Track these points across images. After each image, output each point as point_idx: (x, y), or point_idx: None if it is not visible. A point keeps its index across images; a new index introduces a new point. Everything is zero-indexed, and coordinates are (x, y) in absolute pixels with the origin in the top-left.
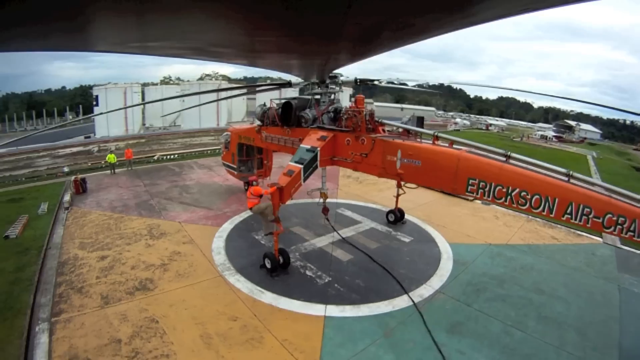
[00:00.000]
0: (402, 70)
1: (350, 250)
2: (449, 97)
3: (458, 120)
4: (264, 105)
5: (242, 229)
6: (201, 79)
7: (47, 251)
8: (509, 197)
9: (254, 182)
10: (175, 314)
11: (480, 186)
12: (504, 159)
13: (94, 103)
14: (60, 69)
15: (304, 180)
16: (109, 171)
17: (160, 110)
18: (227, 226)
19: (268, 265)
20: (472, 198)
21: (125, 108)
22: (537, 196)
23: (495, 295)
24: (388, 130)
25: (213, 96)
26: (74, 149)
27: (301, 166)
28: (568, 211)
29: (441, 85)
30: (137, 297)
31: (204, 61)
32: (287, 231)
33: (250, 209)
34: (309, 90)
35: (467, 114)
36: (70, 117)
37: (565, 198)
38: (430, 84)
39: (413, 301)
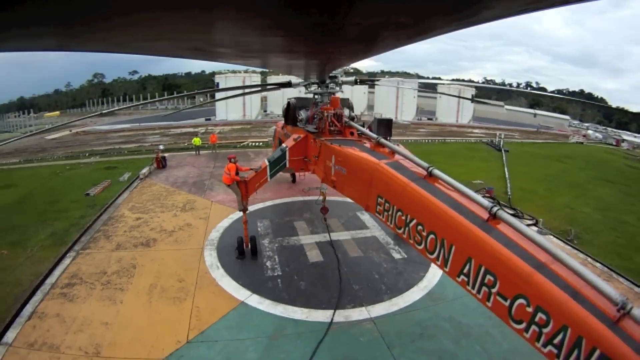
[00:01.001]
0: (541, 74)
1: (329, 253)
2: (586, 105)
3: (590, 132)
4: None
5: (256, 215)
6: None
7: (107, 208)
8: (406, 228)
9: (232, 160)
10: (150, 266)
11: (385, 208)
12: (423, 175)
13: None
14: None
15: (270, 177)
16: (194, 152)
17: (281, 98)
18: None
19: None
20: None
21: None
22: (432, 236)
23: (439, 348)
24: (360, 134)
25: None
26: (184, 130)
27: (267, 163)
28: (464, 271)
29: (581, 91)
30: (137, 249)
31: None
32: (286, 223)
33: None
34: (309, 90)
35: (603, 127)
36: (201, 99)
37: (464, 249)
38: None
39: (331, 321)
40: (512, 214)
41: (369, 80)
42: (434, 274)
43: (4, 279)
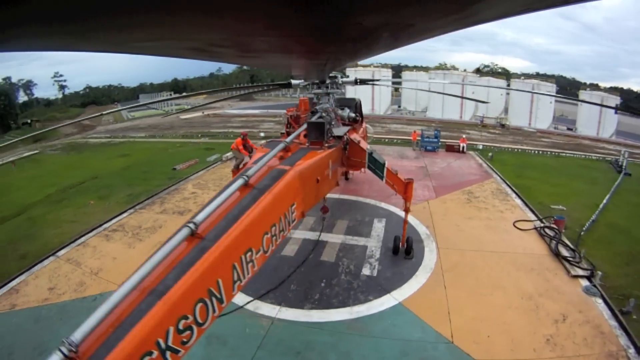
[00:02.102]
0: None
1: (305, 251)
2: None
3: None
4: None
5: None
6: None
7: (179, 181)
8: None
9: (242, 136)
10: (172, 228)
11: None
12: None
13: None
14: None
15: None
16: None
17: (414, 94)
18: None
19: None
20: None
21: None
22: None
23: None
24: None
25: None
26: None
27: None
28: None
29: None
30: (172, 215)
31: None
32: None
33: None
34: (309, 90)
35: None
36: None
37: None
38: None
39: (241, 306)
40: (565, 256)
41: (369, 80)
42: (383, 303)
43: (79, 219)
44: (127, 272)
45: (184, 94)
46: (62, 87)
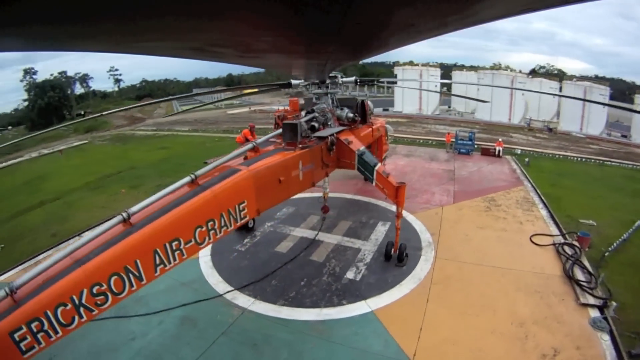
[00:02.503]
0: None
1: (298, 249)
2: None
3: None
4: None
5: (295, 202)
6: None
7: None
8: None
9: (250, 128)
10: None
11: None
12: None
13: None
14: (412, 45)
15: None
16: None
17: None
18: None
19: None
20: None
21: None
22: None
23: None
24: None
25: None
26: None
27: None
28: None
29: None
30: None
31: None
32: (303, 214)
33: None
34: (310, 91)
35: None
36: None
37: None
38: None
39: (216, 296)
40: (579, 279)
41: (369, 80)
42: (355, 309)
43: (109, 206)
44: None
45: (185, 94)
46: (117, 81)
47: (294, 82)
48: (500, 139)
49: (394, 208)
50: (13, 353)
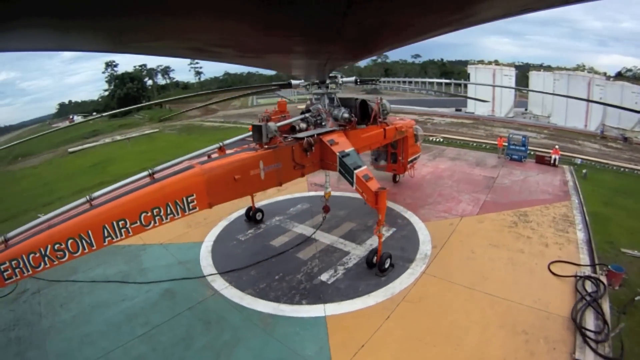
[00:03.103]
0: None
1: (290, 245)
2: None
3: None
4: None
5: (311, 199)
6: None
7: None
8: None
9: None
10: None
11: None
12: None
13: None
14: (497, 44)
15: None
16: None
17: (541, 97)
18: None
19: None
20: None
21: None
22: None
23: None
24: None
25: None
26: (415, 116)
27: None
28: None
29: None
30: None
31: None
32: (311, 211)
33: None
34: (310, 91)
35: None
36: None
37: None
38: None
39: (197, 276)
40: (585, 327)
41: (370, 80)
42: (310, 310)
43: None
44: (160, 233)
45: (179, 96)
46: (198, 73)
47: (294, 82)
48: (556, 146)
49: (407, 214)
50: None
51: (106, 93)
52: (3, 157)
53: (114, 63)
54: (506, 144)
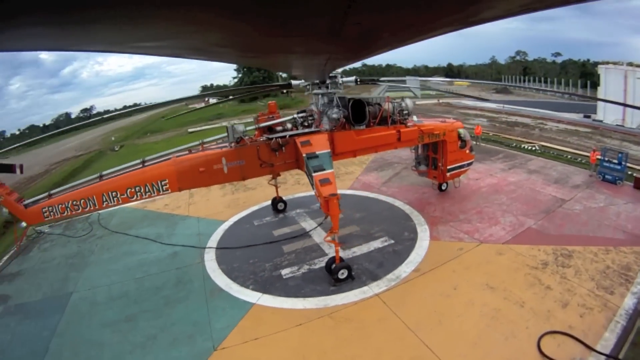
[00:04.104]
0: None
1: (288, 236)
2: None
3: None
4: None
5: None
6: None
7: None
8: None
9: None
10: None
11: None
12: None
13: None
14: None
15: None
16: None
17: None
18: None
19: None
20: None
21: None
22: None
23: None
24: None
25: None
26: (527, 120)
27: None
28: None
29: None
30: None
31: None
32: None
33: None
34: (309, 91)
35: None
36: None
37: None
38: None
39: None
40: None
41: (370, 79)
42: (248, 295)
43: None
44: (202, 208)
45: (172, 99)
46: None
47: (294, 82)
48: None
49: (422, 228)
50: (40, 217)
51: (235, 80)
52: (137, 132)
53: None
54: (600, 158)
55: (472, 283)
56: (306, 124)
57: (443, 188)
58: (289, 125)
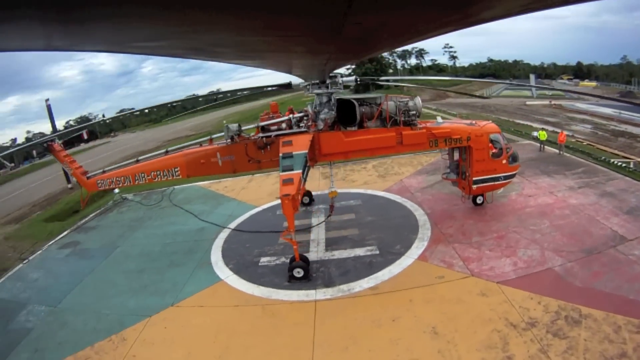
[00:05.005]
0: None
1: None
2: None
3: None
4: None
5: (362, 196)
6: None
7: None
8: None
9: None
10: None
11: None
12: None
13: None
14: None
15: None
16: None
17: None
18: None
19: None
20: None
21: None
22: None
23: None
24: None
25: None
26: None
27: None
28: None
29: None
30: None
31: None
32: (345, 205)
33: None
34: (310, 91)
35: None
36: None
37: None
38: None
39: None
40: None
41: (370, 79)
42: (222, 273)
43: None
44: (249, 194)
45: (166, 101)
46: (452, 57)
47: (294, 82)
48: None
49: (418, 244)
50: (95, 187)
51: (348, 71)
52: (248, 117)
53: None
54: None
55: (418, 320)
56: (302, 124)
57: (478, 202)
58: (283, 125)
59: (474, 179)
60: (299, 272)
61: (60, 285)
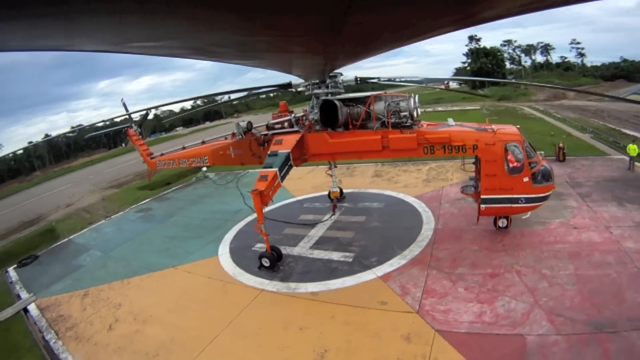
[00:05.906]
0: None
1: (302, 223)
2: None
3: None
4: None
5: (388, 198)
6: None
7: None
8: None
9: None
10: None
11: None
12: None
13: None
14: None
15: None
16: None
17: None
18: (412, 197)
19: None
20: None
21: None
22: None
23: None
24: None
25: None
26: None
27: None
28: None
29: None
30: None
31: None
32: (369, 206)
33: None
34: (310, 91)
35: None
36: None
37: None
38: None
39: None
40: None
41: (369, 78)
42: (223, 249)
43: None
44: (297, 186)
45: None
46: (581, 55)
47: (294, 82)
48: None
49: (393, 263)
50: (155, 166)
51: (463, 65)
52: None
53: (477, 37)
54: None
55: (320, 338)
56: (301, 123)
57: (501, 225)
58: (286, 124)
59: (483, 197)
60: (266, 262)
61: (118, 239)
